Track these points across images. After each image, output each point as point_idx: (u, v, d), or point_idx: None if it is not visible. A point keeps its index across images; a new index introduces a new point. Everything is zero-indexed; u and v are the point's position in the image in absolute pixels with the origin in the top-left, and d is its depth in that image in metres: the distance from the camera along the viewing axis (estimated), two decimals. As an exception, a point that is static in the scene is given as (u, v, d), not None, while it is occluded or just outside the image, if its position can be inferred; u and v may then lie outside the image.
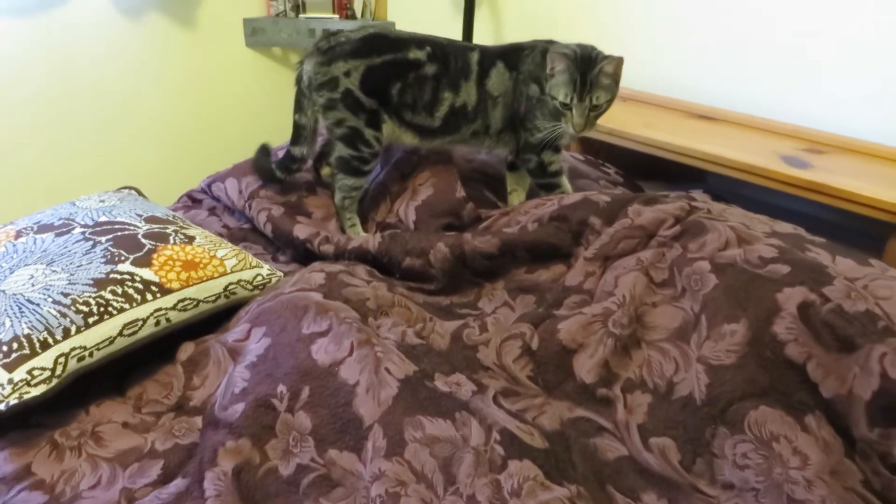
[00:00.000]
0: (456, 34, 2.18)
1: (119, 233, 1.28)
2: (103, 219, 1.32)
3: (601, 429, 1.05)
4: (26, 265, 1.18)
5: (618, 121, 1.79)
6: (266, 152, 1.64)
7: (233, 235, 1.61)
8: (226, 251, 1.33)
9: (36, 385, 1.03)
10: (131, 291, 1.16)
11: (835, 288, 1.03)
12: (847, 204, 1.45)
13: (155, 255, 1.24)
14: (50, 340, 1.07)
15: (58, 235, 1.26)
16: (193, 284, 1.23)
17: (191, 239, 1.32)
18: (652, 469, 0.99)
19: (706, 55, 1.92)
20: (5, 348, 1.05)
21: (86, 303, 1.12)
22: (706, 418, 1.00)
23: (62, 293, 1.12)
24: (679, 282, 1.16)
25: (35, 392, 1.03)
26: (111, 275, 1.17)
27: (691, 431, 1.00)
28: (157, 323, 1.17)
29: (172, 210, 1.63)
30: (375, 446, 0.96)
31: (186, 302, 1.21)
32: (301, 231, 1.50)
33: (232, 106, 2.58)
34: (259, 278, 1.32)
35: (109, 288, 1.15)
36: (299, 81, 1.53)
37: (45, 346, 1.06)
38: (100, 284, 1.15)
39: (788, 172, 1.52)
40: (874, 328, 0.97)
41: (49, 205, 1.48)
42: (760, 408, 0.97)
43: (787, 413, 0.96)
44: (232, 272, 1.29)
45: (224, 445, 0.98)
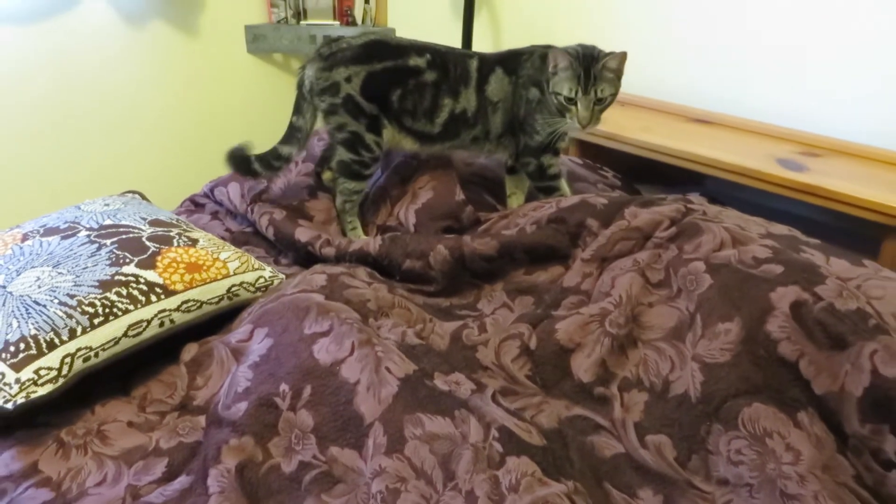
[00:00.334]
0: (455, 41, 2.21)
1: (124, 236, 1.30)
2: (108, 222, 1.34)
3: (598, 427, 1.07)
4: (33, 267, 1.20)
5: (615, 124, 1.80)
6: (243, 148, 1.58)
7: (235, 239, 1.63)
8: (228, 254, 1.35)
9: (43, 385, 1.05)
10: (136, 293, 1.18)
11: (827, 287, 1.04)
12: (842, 206, 1.47)
13: (159, 258, 1.26)
14: (56, 341, 1.08)
15: (63, 238, 1.28)
16: (197, 286, 1.25)
17: (194, 242, 1.34)
18: (648, 466, 1.00)
19: (702, 60, 1.94)
20: (12, 348, 1.06)
21: (91, 304, 1.14)
22: (701, 416, 1.02)
23: (68, 294, 1.14)
24: (675, 282, 1.18)
25: (42, 391, 1.05)
26: (116, 277, 1.19)
27: (686, 429, 1.02)
28: (162, 324, 1.19)
29: (175, 214, 1.64)
30: (376, 443, 0.97)
31: (190, 303, 1.23)
32: (302, 234, 1.52)
33: (234, 111, 2.60)
34: (261, 280, 1.34)
35: (114, 289, 1.17)
36: (301, 86, 1.55)
37: (52, 347, 1.08)
38: (105, 286, 1.17)
39: (784, 175, 1.53)
40: (865, 326, 0.99)
41: (54, 209, 1.50)
42: (754, 405, 0.99)
43: (780, 410, 0.98)
44: (235, 274, 1.31)
45: (227, 443, 1.00)
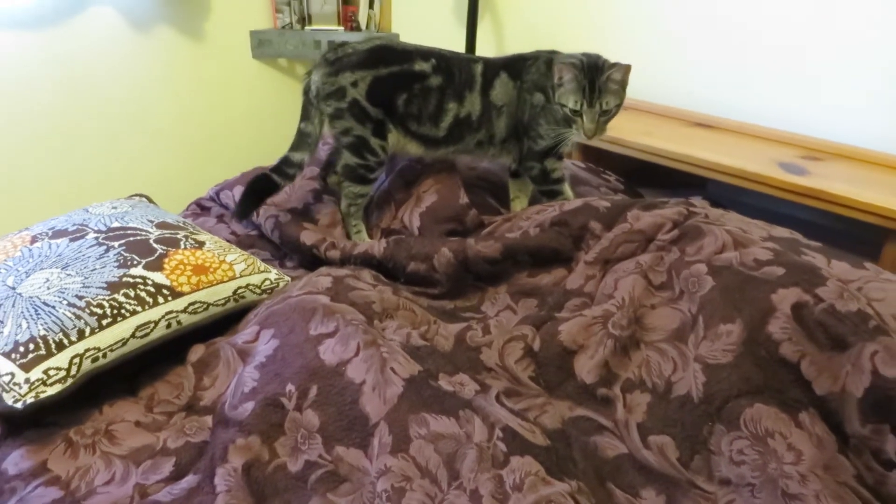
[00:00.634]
0: (459, 46, 2.22)
1: (131, 238, 1.31)
2: (116, 224, 1.36)
3: (601, 427, 1.08)
4: (42, 269, 1.21)
5: (618, 129, 1.81)
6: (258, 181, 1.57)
7: (241, 242, 1.64)
8: (235, 256, 1.36)
9: (52, 384, 1.06)
10: (143, 294, 1.20)
11: (828, 289, 1.05)
12: (844, 210, 1.48)
13: (166, 260, 1.27)
14: (65, 341, 1.10)
15: (72, 240, 1.29)
16: (203, 288, 1.26)
17: (201, 244, 1.35)
18: (651, 466, 1.01)
19: (704, 65, 1.95)
20: (22, 349, 1.08)
21: (99, 305, 1.15)
22: (703, 416, 1.02)
23: (77, 296, 1.15)
24: (677, 284, 1.19)
25: (51, 391, 1.06)
26: (124, 278, 1.20)
27: (689, 429, 1.02)
28: (169, 325, 1.20)
29: (182, 217, 1.66)
30: (381, 443, 0.98)
31: (197, 305, 1.24)
32: (308, 237, 1.53)
33: (239, 116, 2.62)
34: (267, 282, 1.35)
35: (122, 291, 1.18)
36: (307, 91, 1.56)
37: (61, 347, 1.09)
38: (113, 287, 1.18)
39: (786, 179, 1.54)
40: (865, 327, 0.99)
41: (62, 212, 1.52)
42: (756, 405, 1.00)
43: (782, 410, 0.99)
44: (241, 276, 1.32)
45: (234, 443, 1.01)
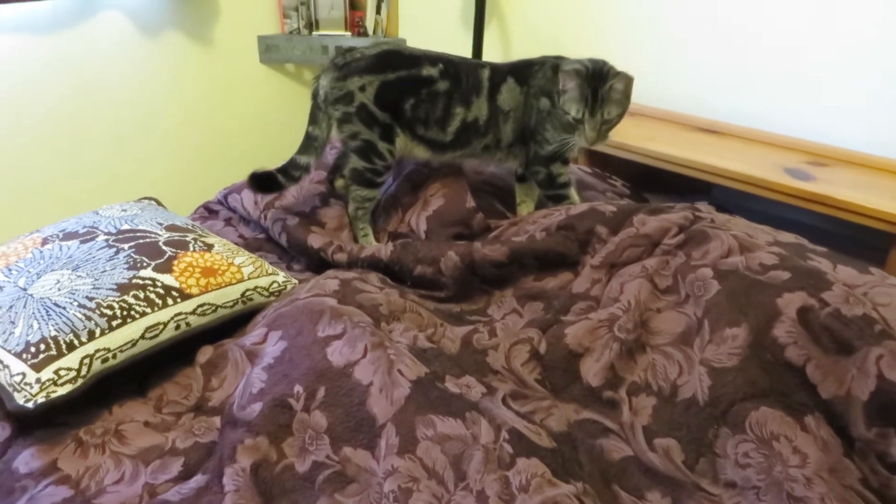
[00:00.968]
0: (465, 51, 2.23)
1: (141, 240, 1.32)
2: (125, 227, 1.37)
3: (607, 430, 1.08)
4: (53, 270, 1.23)
5: (623, 134, 1.82)
6: (269, 173, 1.58)
7: (249, 245, 1.65)
8: (243, 259, 1.37)
9: (62, 385, 1.07)
10: (153, 296, 1.21)
11: (833, 293, 1.06)
12: (850, 215, 1.48)
13: (175, 262, 1.28)
14: (76, 342, 1.11)
15: (82, 242, 1.31)
16: (212, 290, 1.27)
17: (209, 247, 1.37)
18: (656, 469, 1.02)
19: (708, 70, 1.95)
20: (33, 349, 1.09)
21: (109, 306, 1.16)
22: (709, 419, 1.03)
23: (87, 297, 1.17)
24: (683, 288, 1.19)
25: (61, 391, 1.07)
26: (134, 280, 1.22)
27: (694, 432, 1.03)
28: (178, 327, 1.21)
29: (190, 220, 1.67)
30: (388, 444, 0.99)
31: (205, 307, 1.25)
32: (315, 240, 1.54)
33: (246, 120, 2.63)
34: (275, 285, 1.36)
35: (132, 292, 1.20)
36: (315, 96, 1.57)
37: (71, 348, 1.10)
38: (123, 289, 1.20)
39: (792, 184, 1.54)
40: (871, 331, 1.00)
41: (71, 214, 1.53)
42: (761, 408, 1.00)
43: (787, 413, 0.99)
44: (249, 279, 1.33)
45: (242, 443, 1.02)
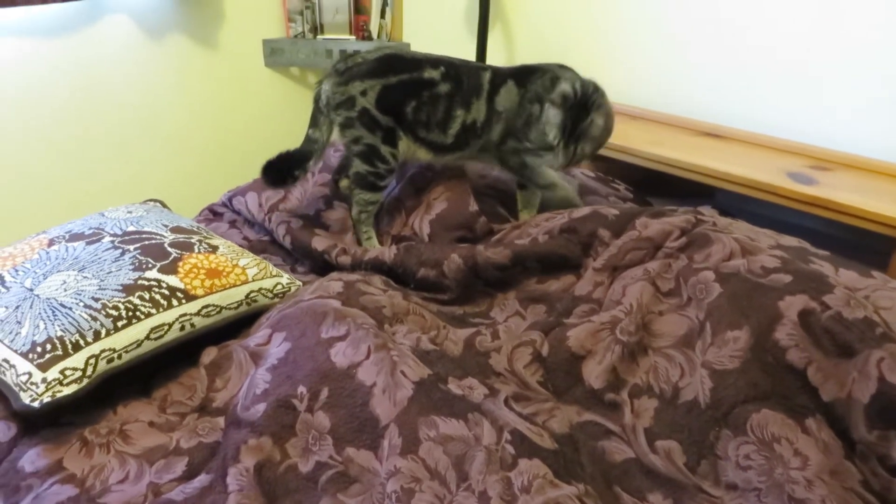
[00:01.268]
0: (469, 55, 2.24)
1: (146, 242, 1.33)
2: (131, 228, 1.38)
3: (609, 432, 1.08)
4: (59, 271, 1.24)
5: (627, 138, 1.83)
6: (283, 159, 1.55)
7: (253, 247, 1.66)
8: (247, 260, 1.38)
9: (68, 384, 1.08)
10: (158, 297, 1.22)
11: (835, 296, 1.06)
12: (852, 219, 1.48)
13: (180, 263, 1.29)
14: (81, 342, 1.12)
15: (88, 244, 1.32)
16: (217, 291, 1.28)
17: (214, 248, 1.37)
18: (658, 471, 1.02)
19: (712, 74, 1.96)
20: (39, 349, 1.10)
21: (115, 307, 1.17)
22: (710, 421, 1.03)
23: (93, 298, 1.18)
24: (685, 291, 1.20)
25: (67, 391, 1.08)
26: (139, 281, 1.23)
27: (696, 434, 1.03)
28: (182, 328, 1.22)
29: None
30: (391, 444, 1.00)
31: (210, 308, 1.26)
32: (319, 243, 1.55)
33: (251, 123, 2.64)
34: (279, 287, 1.37)
35: (137, 293, 1.20)
36: (317, 100, 1.58)
37: (77, 348, 1.11)
38: (128, 290, 1.20)
39: (795, 188, 1.54)
40: (872, 334, 1.00)
41: (77, 216, 1.54)
42: (762, 411, 1.00)
43: (789, 416, 0.99)
44: (253, 280, 1.34)
45: (246, 443, 1.02)
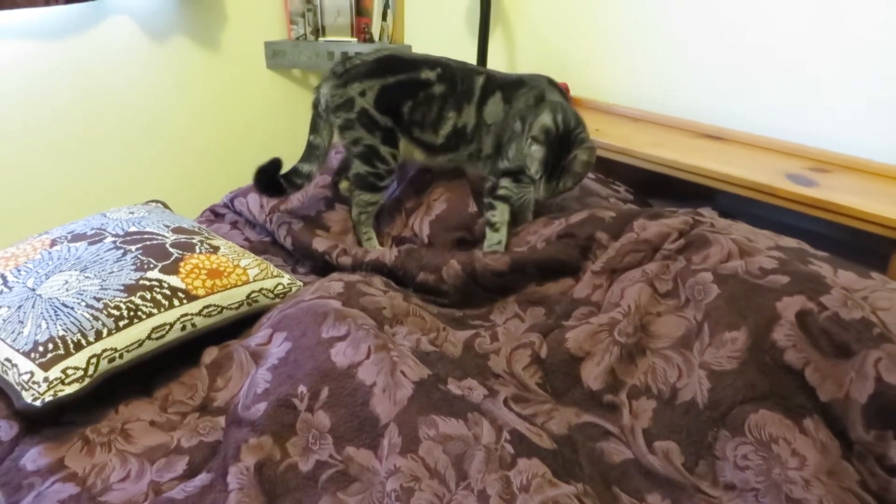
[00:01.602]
0: (471, 57, 2.24)
1: (148, 242, 1.34)
2: (133, 229, 1.39)
3: (607, 433, 1.09)
4: (61, 271, 1.24)
5: (627, 140, 1.83)
6: (276, 165, 1.56)
7: (254, 248, 1.67)
8: (249, 261, 1.39)
9: (69, 384, 1.09)
10: (159, 297, 1.22)
11: (832, 297, 1.06)
12: (852, 221, 1.48)
13: (182, 264, 1.30)
14: (83, 342, 1.12)
15: (90, 244, 1.32)
16: (218, 292, 1.29)
17: (215, 249, 1.38)
18: (656, 471, 1.03)
19: (711, 76, 1.96)
20: (41, 348, 1.10)
21: (117, 307, 1.18)
22: (708, 422, 1.04)
23: (95, 297, 1.18)
24: (683, 292, 1.20)
25: (68, 390, 1.08)
26: (141, 281, 1.23)
27: (694, 435, 1.04)
28: (184, 328, 1.23)
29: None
30: (391, 443, 1.00)
31: (211, 308, 1.26)
32: (320, 244, 1.56)
33: (253, 125, 2.65)
34: (280, 287, 1.37)
35: (139, 293, 1.21)
36: (316, 105, 1.58)
37: (79, 347, 1.12)
38: (130, 290, 1.21)
39: (794, 190, 1.55)
40: (869, 335, 1.01)
41: (79, 217, 1.55)
42: (760, 411, 1.01)
43: (786, 416, 1.00)
44: (254, 281, 1.35)
45: (247, 442, 1.03)
